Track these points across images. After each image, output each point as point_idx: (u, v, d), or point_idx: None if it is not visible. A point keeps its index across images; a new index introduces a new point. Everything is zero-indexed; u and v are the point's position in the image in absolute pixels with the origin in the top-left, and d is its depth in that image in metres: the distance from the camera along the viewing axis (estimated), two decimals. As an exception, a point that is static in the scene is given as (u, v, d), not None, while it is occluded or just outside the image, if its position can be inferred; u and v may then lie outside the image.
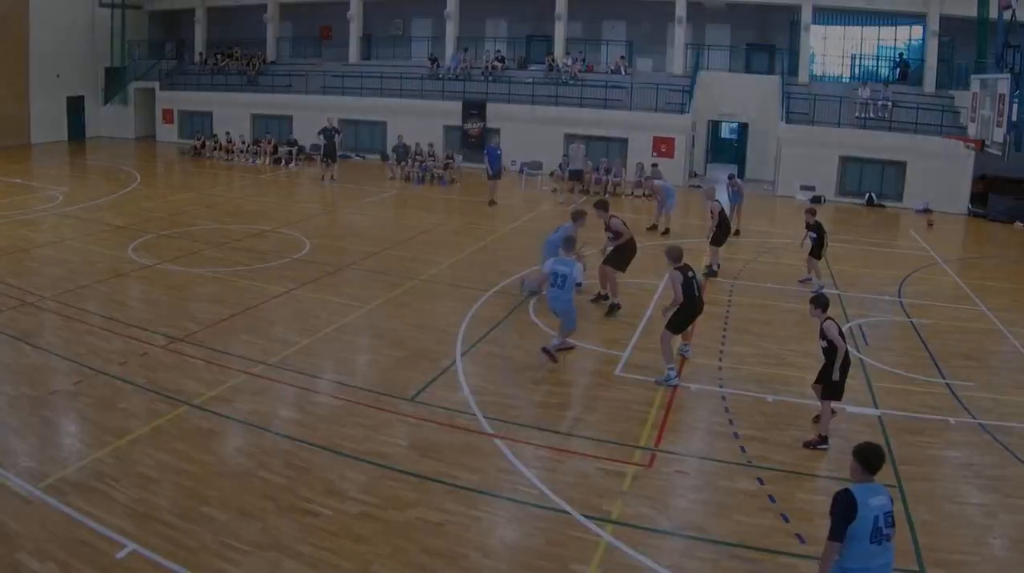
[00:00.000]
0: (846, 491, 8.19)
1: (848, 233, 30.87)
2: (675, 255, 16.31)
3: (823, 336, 13.38)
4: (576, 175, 38.23)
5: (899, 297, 22.82)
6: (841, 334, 13.42)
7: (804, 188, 37.92)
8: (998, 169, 37.18)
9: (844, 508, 8.07)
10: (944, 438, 14.30)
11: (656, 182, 32.18)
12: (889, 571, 8.30)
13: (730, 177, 31.24)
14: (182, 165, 45.02)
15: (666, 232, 29.89)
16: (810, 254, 23.01)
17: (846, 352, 13.45)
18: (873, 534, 8.05)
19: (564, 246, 17.49)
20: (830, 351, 13.33)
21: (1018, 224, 36.01)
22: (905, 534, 10.93)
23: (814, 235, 22.74)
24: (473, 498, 11.46)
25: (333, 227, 29.49)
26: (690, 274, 16.25)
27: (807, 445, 13.55)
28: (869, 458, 8.28)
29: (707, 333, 18.77)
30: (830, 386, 13.51)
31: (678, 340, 17.02)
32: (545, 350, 16.33)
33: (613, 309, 20.32)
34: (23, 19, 49.26)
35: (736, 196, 30.32)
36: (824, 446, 13.53)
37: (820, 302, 13.83)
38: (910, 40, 48.55)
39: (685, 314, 16.16)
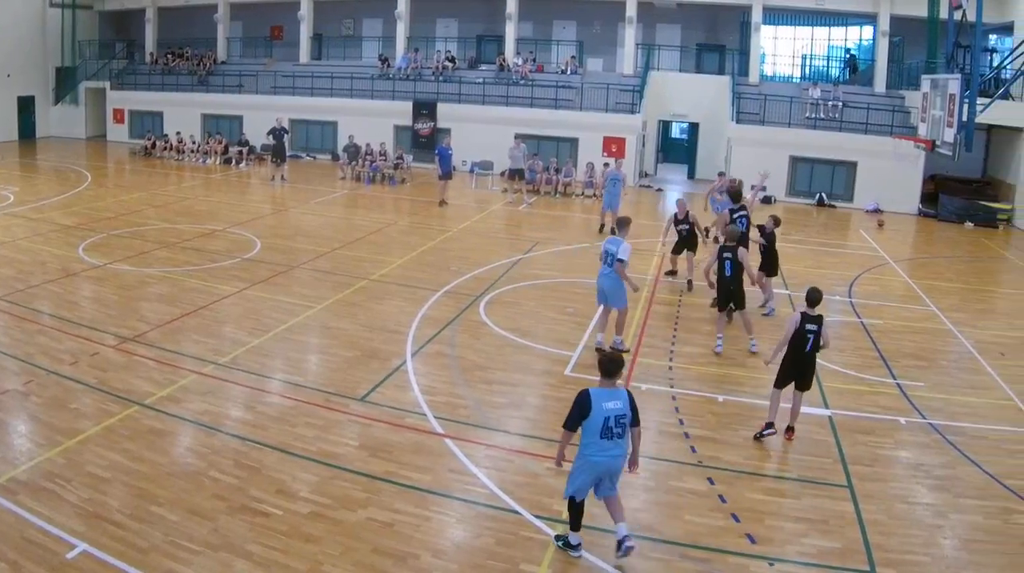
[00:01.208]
0: (585, 391, 9.92)
1: (798, 233, 31.10)
2: (732, 235, 17.70)
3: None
4: (516, 173, 38.20)
5: (849, 297, 22.99)
6: (798, 328, 13.56)
7: (754, 188, 38.32)
8: (948, 169, 37.60)
9: (579, 405, 9.83)
10: (895, 438, 14.38)
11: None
12: (618, 461, 10.03)
13: (721, 174, 30.78)
14: (133, 165, 44.50)
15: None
16: (761, 269, 20.71)
17: (794, 345, 13.62)
18: (603, 430, 9.79)
19: (618, 225, 18.20)
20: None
21: (968, 224, 36.36)
22: (856, 534, 11.09)
23: (764, 244, 20.94)
24: (423, 498, 11.45)
25: (284, 227, 29.31)
26: (726, 254, 17.51)
27: (756, 437, 13.78)
28: (604, 365, 9.99)
29: (658, 333, 18.93)
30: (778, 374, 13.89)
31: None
32: (604, 350, 16.32)
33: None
34: (-28, 19, 48.65)
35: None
36: (770, 431, 13.77)
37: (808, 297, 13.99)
38: (861, 40, 48.98)
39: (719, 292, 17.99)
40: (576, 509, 10.22)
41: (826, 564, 10.40)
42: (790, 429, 14.05)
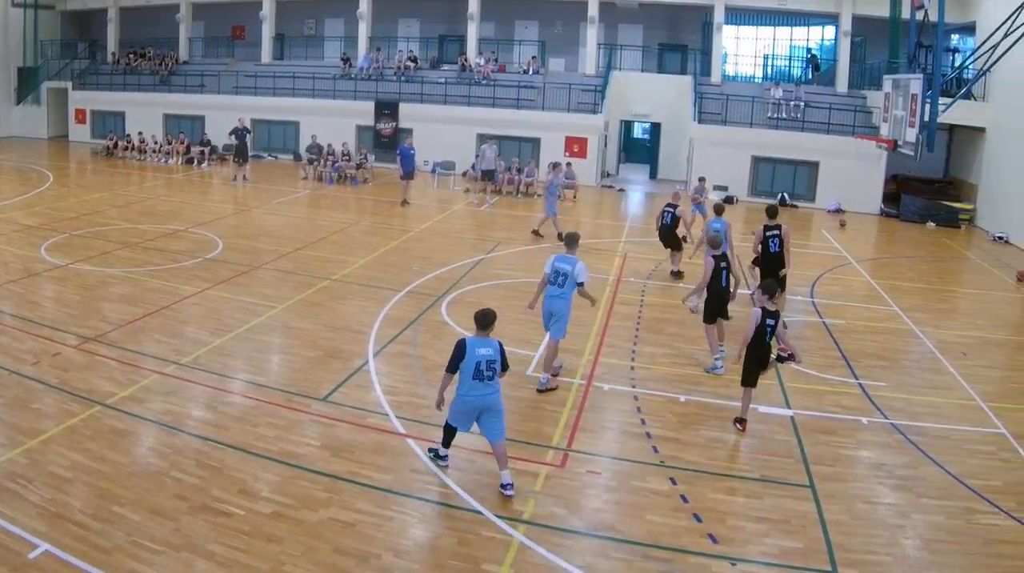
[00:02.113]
0: (462, 340, 11.74)
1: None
2: (714, 242, 17.03)
3: None
4: (488, 175, 38.21)
5: (811, 297, 23.09)
6: (760, 325, 13.76)
7: (717, 188, 38.25)
8: (910, 169, 37.83)
9: (458, 350, 11.59)
10: (857, 438, 14.43)
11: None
12: (487, 399, 11.66)
13: (701, 180, 30.73)
14: (95, 165, 44.09)
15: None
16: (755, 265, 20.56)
17: (756, 343, 13.84)
18: (476, 373, 11.52)
19: (568, 242, 16.09)
20: None
21: (930, 224, 36.65)
22: (818, 534, 11.14)
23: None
24: (385, 498, 11.45)
25: (246, 227, 29.17)
26: (723, 264, 16.71)
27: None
28: (478, 318, 11.85)
29: (619, 333, 18.96)
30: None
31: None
32: (541, 391, 15.51)
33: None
34: (-66, 19, 48.10)
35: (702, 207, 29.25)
36: (739, 427, 14.14)
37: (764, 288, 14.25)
38: (823, 40, 49.25)
39: (712, 303, 16.92)
40: (449, 433, 12.18)
41: (788, 564, 10.45)
42: (741, 420, 14.37)
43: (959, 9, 37.17)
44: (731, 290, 17.10)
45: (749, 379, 14.16)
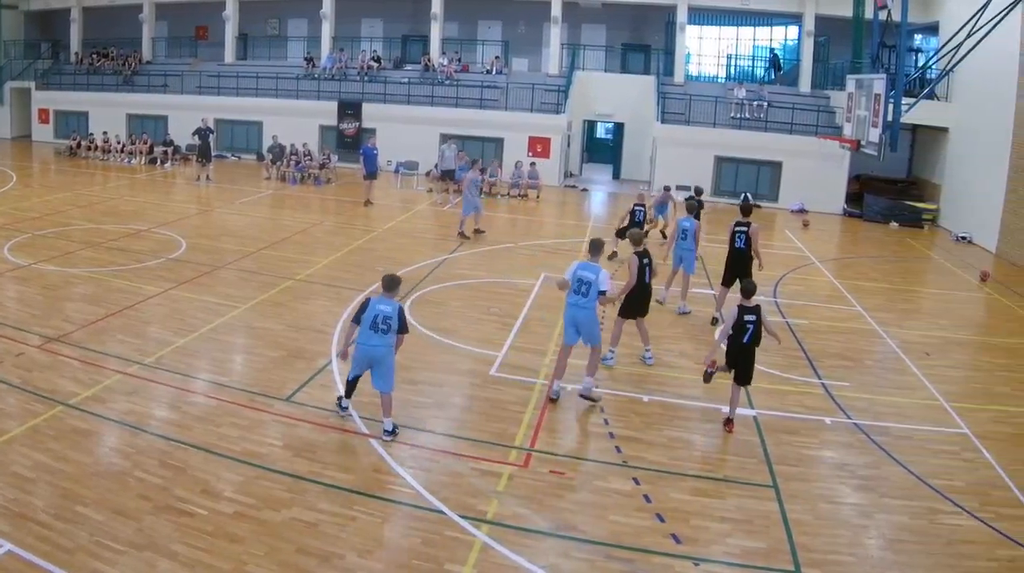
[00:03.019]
0: (368, 297, 13.49)
1: (723, 233, 30.62)
2: (636, 239, 16.96)
3: None
4: (448, 175, 38.09)
5: (774, 297, 23.16)
6: (737, 321, 14.01)
7: (680, 188, 38.41)
8: (874, 169, 38.20)
9: (361, 305, 13.31)
10: (820, 438, 14.49)
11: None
12: (378, 351, 13.12)
13: (666, 188, 30.67)
14: (58, 165, 43.67)
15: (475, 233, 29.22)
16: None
17: (733, 337, 14.12)
18: (372, 324, 13.03)
19: (592, 249, 15.76)
20: None
21: (893, 224, 36.93)
22: (781, 534, 11.19)
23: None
24: (348, 498, 11.44)
25: (209, 227, 29.03)
26: (645, 260, 16.66)
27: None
28: (385, 281, 13.42)
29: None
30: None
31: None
32: (583, 396, 15.20)
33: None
34: None
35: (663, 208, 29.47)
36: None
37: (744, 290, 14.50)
38: (786, 40, 49.54)
39: (633, 299, 16.87)
40: (351, 384, 13.85)
41: (751, 564, 10.50)
42: (729, 421, 14.48)
43: (922, 9, 37.57)
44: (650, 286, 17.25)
45: (740, 378, 14.42)
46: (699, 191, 26.88)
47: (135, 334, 17.43)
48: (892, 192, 39.57)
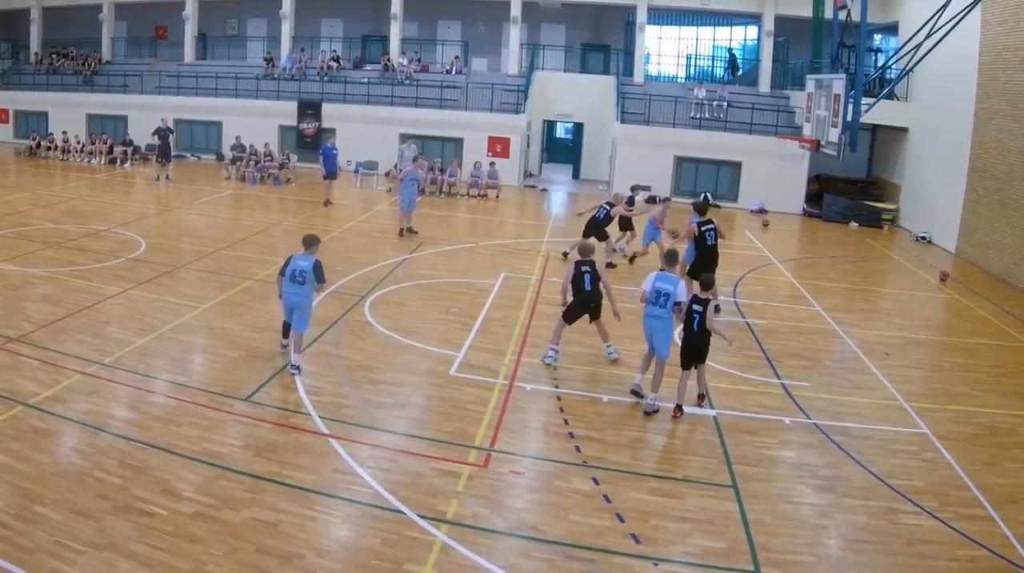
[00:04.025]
0: (291, 255, 16.01)
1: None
2: (584, 249, 17.10)
3: None
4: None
5: (734, 297, 23.24)
6: (687, 310, 14.75)
7: (640, 188, 38.37)
8: (833, 169, 38.36)
9: (285, 262, 15.93)
10: (779, 438, 14.52)
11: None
12: (295, 299, 15.65)
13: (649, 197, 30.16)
14: (18, 165, 43.14)
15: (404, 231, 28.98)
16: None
17: (686, 329, 14.84)
18: (291, 277, 15.63)
19: (668, 260, 16.50)
20: None
21: (853, 224, 37.21)
22: (740, 534, 11.22)
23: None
24: (308, 498, 11.41)
25: (169, 227, 28.81)
26: (584, 268, 16.69)
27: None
28: (304, 240, 16.07)
29: (542, 333, 18.88)
30: None
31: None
32: (649, 413, 15.13)
33: None
34: None
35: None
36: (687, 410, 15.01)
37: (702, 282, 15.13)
38: (745, 40, 49.78)
39: (573, 307, 17.11)
40: (285, 326, 16.56)
41: (711, 564, 10.53)
42: (678, 407, 14.89)
43: (882, 9, 37.94)
44: (601, 294, 17.13)
45: (685, 364, 14.95)
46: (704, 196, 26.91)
47: (95, 334, 17.31)
48: (852, 192, 39.83)
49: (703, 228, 20.22)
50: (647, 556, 10.58)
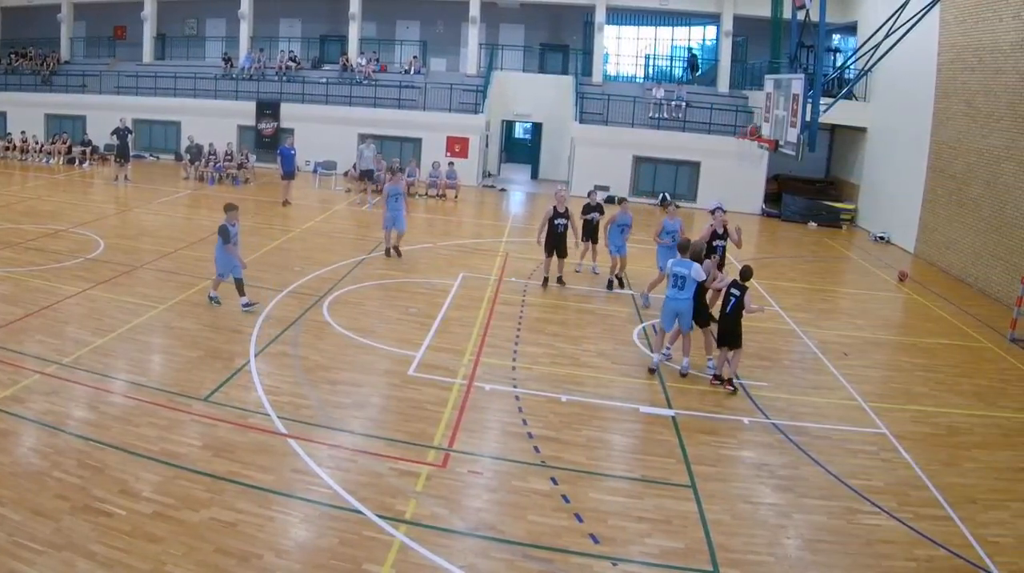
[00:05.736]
0: (223, 224, 19.10)
1: (640, 233, 29.47)
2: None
3: None
4: (367, 175, 37.83)
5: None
6: (727, 290, 16.48)
7: (599, 188, 38.47)
8: (792, 169, 38.48)
9: (224, 229, 18.98)
10: (738, 438, 14.55)
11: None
12: (233, 260, 19.07)
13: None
14: (-26, 164, 42.98)
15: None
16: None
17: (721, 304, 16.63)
18: (233, 240, 18.90)
19: (681, 250, 17.51)
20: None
21: (812, 224, 37.45)
22: (699, 534, 11.24)
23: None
24: (267, 498, 11.37)
25: (127, 227, 28.56)
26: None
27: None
28: (226, 207, 19.15)
29: (501, 333, 19.00)
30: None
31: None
32: (718, 379, 16.94)
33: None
34: None
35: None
36: (716, 383, 16.39)
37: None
38: (704, 40, 49.93)
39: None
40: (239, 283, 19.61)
41: (669, 564, 10.54)
42: (729, 381, 16.31)
43: (840, 9, 38.20)
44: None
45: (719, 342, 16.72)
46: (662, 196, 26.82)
47: (53, 334, 17.15)
48: (810, 192, 40.11)
49: (714, 242, 20.97)
50: (606, 556, 10.59)
